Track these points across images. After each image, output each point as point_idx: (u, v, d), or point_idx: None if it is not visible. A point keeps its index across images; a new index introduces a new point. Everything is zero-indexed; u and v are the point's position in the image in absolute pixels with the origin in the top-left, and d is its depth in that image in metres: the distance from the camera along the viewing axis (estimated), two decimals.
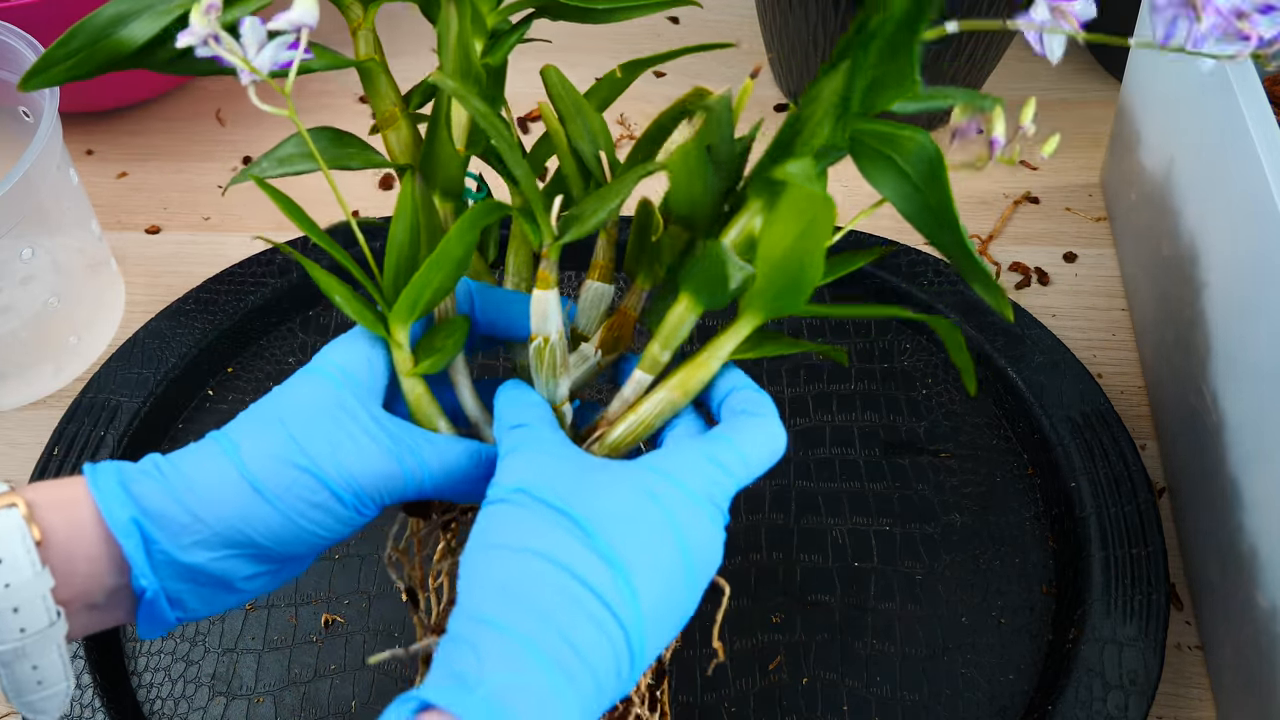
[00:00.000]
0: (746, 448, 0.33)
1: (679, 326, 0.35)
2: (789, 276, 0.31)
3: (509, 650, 0.28)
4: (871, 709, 0.47)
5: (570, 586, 0.29)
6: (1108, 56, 0.74)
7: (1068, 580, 0.49)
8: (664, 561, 0.30)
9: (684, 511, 0.31)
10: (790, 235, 0.30)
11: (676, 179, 0.33)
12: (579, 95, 0.36)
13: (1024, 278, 0.62)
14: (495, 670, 0.28)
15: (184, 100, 0.75)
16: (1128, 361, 0.59)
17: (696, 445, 0.33)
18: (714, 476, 0.32)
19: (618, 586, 0.29)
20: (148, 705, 0.48)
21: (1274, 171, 0.42)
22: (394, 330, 0.36)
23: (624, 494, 0.31)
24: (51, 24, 0.60)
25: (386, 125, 0.38)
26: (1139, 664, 0.45)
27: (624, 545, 0.30)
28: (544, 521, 0.30)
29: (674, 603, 0.31)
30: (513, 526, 0.31)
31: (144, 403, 0.55)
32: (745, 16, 0.78)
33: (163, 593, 0.32)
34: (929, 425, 0.55)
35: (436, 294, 0.35)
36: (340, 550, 0.52)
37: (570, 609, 0.29)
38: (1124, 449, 0.51)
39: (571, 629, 0.29)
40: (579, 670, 0.29)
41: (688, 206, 0.34)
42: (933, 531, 0.52)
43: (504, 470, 0.33)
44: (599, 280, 0.39)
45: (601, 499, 0.31)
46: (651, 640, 0.30)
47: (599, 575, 0.29)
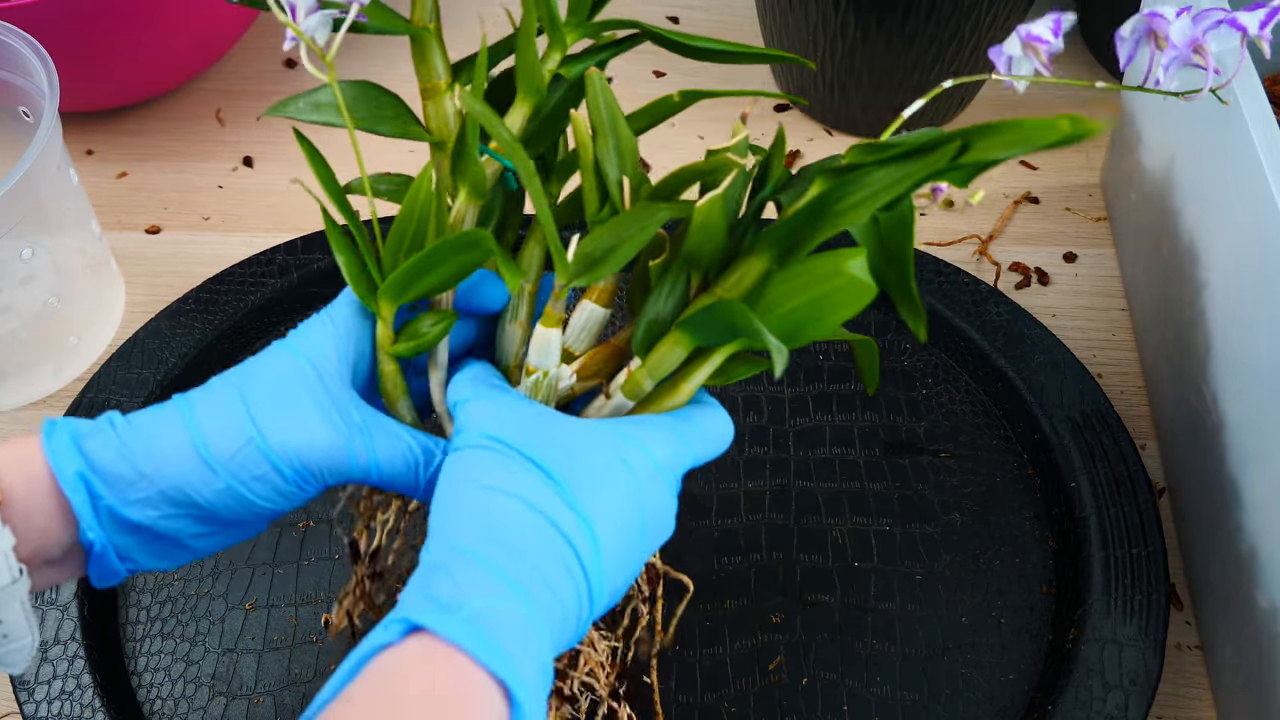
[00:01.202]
0: (708, 431, 0.36)
1: (667, 359, 0.35)
2: (791, 327, 0.32)
3: (487, 579, 0.30)
4: (871, 709, 0.47)
5: (545, 529, 0.31)
6: (1108, 56, 0.74)
7: (1068, 580, 0.49)
8: (626, 522, 0.33)
9: (649, 478, 0.33)
10: (803, 297, 0.32)
11: (697, 228, 0.33)
12: (617, 110, 0.35)
13: (1024, 278, 0.62)
14: (475, 595, 0.29)
15: (184, 100, 0.75)
16: (1128, 361, 0.59)
17: (666, 421, 0.35)
18: (679, 451, 0.35)
19: (585, 537, 0.31)
20: (148, 705, 0.48)
21: (1274, 171, 0.42)
22: (381, 305, 0.36)
23: (597, 455, 0.33)
24: (51, 24, 0.60)
25: (428, 97, 0.37)
26: (1139, 664, 0.45)
27: (593, 502, 0.32)
28: (520, 469, 0.32)
29: (628, 561, 0.33)
30: (490, 469, 0.32)
31: (144, 403, 0.55)
32: (745, 17, 0.78)
33: (110, 547, 0.33)
34: (929, 425, 0.55)
35: (430, 287, 0.35)
36: (340, 550, 0.52)
37: (544, 550, 0.31)
38: (1124, 449, 0.51)
39: (545, 567, 0.31)
40: (551, 604, 0.30)
41: (701, 252, 0.34)
42: (933, 531, 0.52)
43: (473, 417, 0.34)
44: (596, 302, 0.38)
45: (576, 457, 0.33)
46: (606, 592, 0.32)
47: (569, 524, 0.31)
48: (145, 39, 0.66)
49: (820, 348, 0.58)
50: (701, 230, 0.33)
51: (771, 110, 0.72)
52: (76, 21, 0.61)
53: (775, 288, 0.32)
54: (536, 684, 0.29)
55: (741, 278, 0.34)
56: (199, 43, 0.70)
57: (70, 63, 0.61)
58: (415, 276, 0.34)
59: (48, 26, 0.59)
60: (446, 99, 0.37)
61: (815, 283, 0.31)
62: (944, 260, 0.60)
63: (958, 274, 0.59)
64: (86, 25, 0.62)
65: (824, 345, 0.58)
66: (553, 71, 0.37)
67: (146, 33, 0.65)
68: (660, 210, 0.34)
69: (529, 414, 0.34)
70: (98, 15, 0.61)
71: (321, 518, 0.53)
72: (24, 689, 0.46)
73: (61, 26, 0.61)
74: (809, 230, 0.32)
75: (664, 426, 0.35)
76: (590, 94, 0.35)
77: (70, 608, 0.48)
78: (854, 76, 0.65)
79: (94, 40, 0.63)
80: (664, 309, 0.35)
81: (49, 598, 0.49)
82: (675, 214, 0.34)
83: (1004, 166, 0.69)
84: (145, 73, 0.70)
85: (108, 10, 0.62)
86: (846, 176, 0.31)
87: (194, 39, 0.69)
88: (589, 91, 0.35)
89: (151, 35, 0.66)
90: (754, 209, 0.35)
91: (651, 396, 0.36)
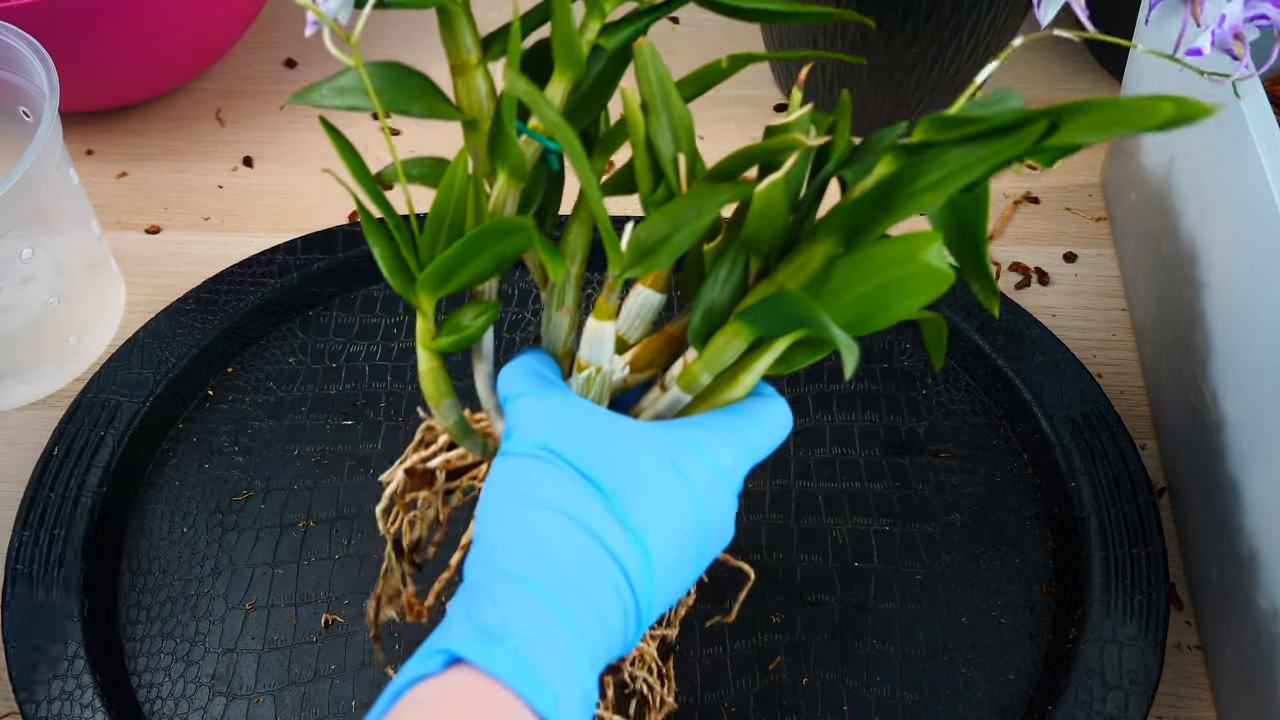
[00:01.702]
0: (769, 426, 0.34)
1: (725, 351, 0.33)
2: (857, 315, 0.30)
3: (532, 605, 0.29)
4: (871, 709, 0.47)
5: (591, 548, 0.30)
6: (1108, 56, 0.74)
7: (1068, 580, 0.49)
8: (680, 533, 0.31)
9: (705, 484, 0.32)
10: (871, 283, 0.29)
11: (757, 212, 0.31)
12: (670, 83, 0.33)
13: (1024, 278, 0.62)
14: (519, 624, 0.28)
15: (184, 100, 0.75)
16: (1128, 361, 0.59)
17: (722, 419, 0.33)
18: (737, 451, 0.33)
19: (634, 554, 0.30)
20: (148, 705, 0.48)
21: (1274, 171, 0.42)
22: (420, 298, 0.34)
23: (648, 462, 0.31)
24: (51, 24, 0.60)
25: (458, 74, 0.35)
26: (1139, 664, 0.45)
27: (643, 514, 0.30)
28: (567, 481, 0.31)
29: (682, 573, 0.32)
30: (535, 481, 0.31)
31: (144, 403, 0.55)
32: None
33: None
34: (929, 425, 0.55)
35: (471, 278, 0.33)
36: (340, 550, 0.52)
37: (590, 570, 0.29)
38: (1124, 449, 0.51)
39: (591, 589, 0.29)
40: (595, 629, 0.29)
41: (761, 237, 0.32)
42: (933, 531, 0.52)
43: (524, 419, 0.33)
44: (652, 288, 0.35)
45: (625, 464, 0.31)
46: (657, 607, 0.31)
47: (618, 541, 0.30)
48: (145, 39, 0.66)
49: None
50: (762, 214, 0.31)
51: (771, 109, 0.72)
52: (76, 21, 0.61)
53: (840, 273, 0.30)
54: (580, 715, 0.28)
55: (805, 263, 0.31)
56: (199, 43, 0.70)
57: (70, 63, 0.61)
58: (455, 267, 0.33)
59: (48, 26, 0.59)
60: (478, 75, 0.35)
61: (885, 268, 0.29)
62: None
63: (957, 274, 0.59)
64: (86, 25, 0.62)
65: None
66: (592, 42, 0.34)
67: (146, 33, 0.65)
68: (720, 193, 0.31)
69: (580, 418, 0.33)
70: (98, 15, 0.61)
71: (321, 518, 0.53)
72: (24, 689, 0.46)
73: (61, 26, 0.61)
74: (878, 213, 0.29)
75: (723, 427, 0.33)
76: (640, 66, 0.33)
77: (70, 608, 0.48)
78: (854, 75, 0.65)
79: (94, 40, 0.63)
80: (721, 296, 0.33)
81: (49, 597, 0.49)
82: (735, 197, 0.31)
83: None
84: (145, 73, 0.70)
85: (107, 10, 0.62)
86: (919, 155, 0.28)
87: (194, 39, 0.69)
88: (638, 63, 0.33)
89: (151, 35, 0.66)
90: (816, 187, 0.33)
91: (709, 389, 0.34)
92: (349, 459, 0.55)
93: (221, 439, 0.56)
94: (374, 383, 0.58)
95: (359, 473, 0.54)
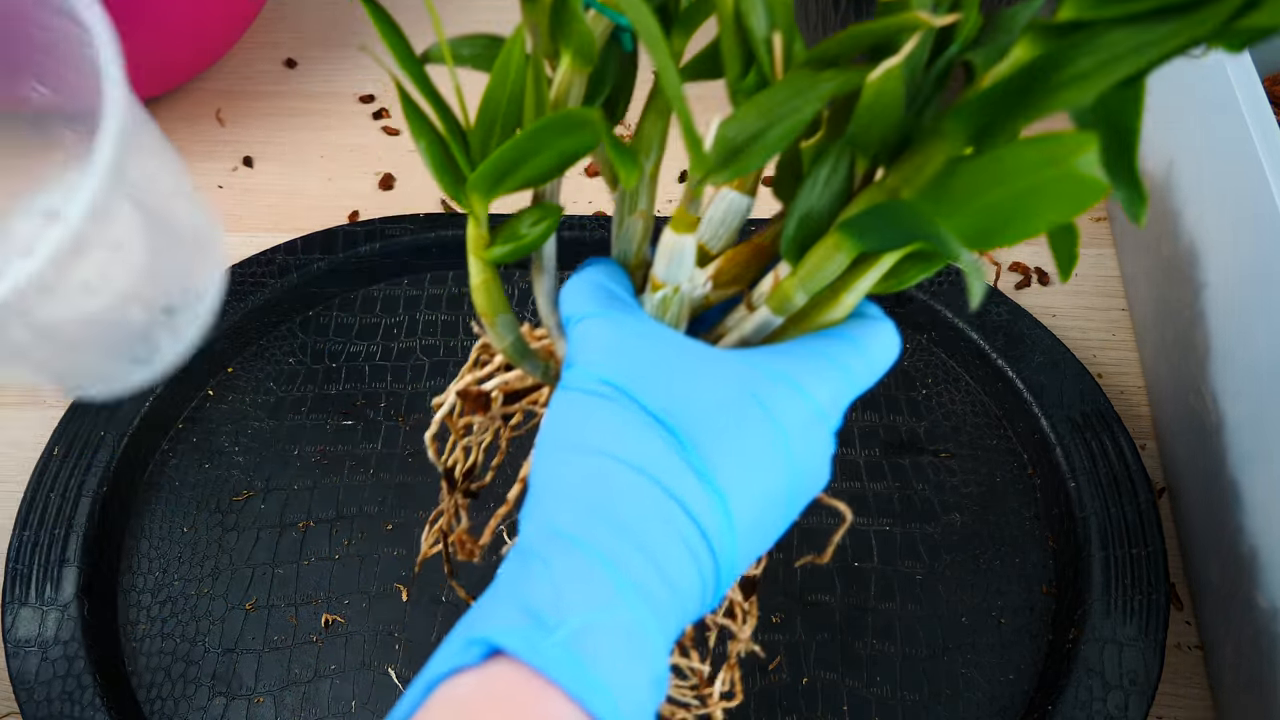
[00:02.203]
0: (874, 353, 0.29)
1: (824, 267, 0.28)
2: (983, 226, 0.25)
3: (593, 579, 0.25)
4: (871, 709, 0.47)
5: (663, 506, 0.26)
6: None
7: (1068, 580, 0.49)
8: (767, 481, 0.27)
9: (799, 427, 0.27)
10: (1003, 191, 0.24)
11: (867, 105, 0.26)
12: None
13: (1024, 278, 0.62)
14: (575, 604, 0.24)
15: (184, 100, 0.75)
16: (1128, 361, 0.59)
17: (820, 346, 0.28)
18: (837, 385, 0.28)
19: (714, 512, 0.26)
20: (148, 705, 0.48)
21: (1274, 171, 0.42)
22: (472, 201, 0.30)
23: (730, 398, 0.27)
24: None
25: None
26: (1139, 664, 0.45)
27: (725, 465, 0.26)
28: (635, 424, 0.26)
29: (768, 526, 0.27)
30: (597, 424, 0.27)
31: (144, 403, 0.55)
32: None
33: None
34: (929, 425, 0.55)
35: (530, 178, 0.29)
36: (340, 550, 0.52)
37: (662, 532, 0.25)
38: (1124, 449, 0.51)
39: (664, 555, 0.25)
40: (666, 600, 0.25)
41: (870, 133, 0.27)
42: (933, 531, 0.52)
43: (586, 347, 0.28)
44: (739, 190, 0.30)
45: (704, 405, 0.27)
46: (741, 563, 0.27)
47: (694, 497, 0.26)
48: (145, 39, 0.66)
49: None
50: (873, 107, 0.26)
51: None
52: None
53: (965, 178, 0.25)
54: (647, 705, 0.25)
55: (921, 165, 0.26)
56: (199, 43, 0.70)
57: None
58: (511, 165, 0.28)
59: None
60: None
61: (1020, 174, 0.24)
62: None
63: (957, 274, 0.59)
64: None
65: None
66: None
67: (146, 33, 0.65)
68: (822, 82, 0.27)
69: (652, 346, 0.28)
70: None
71: (321, 518, 0.53)
72: (24, 689, 0.46)
73: None
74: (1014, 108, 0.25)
75: (821, 356, 0.28)
76: None
77: (70, 608, 0.48)
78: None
79: None
80: (820, 202, 0.28)
81: (49, 597, 0.49)
82: (841, 87, 0.27)
83: None
84: (145, 73, 0.70)
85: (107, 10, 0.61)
86: (1069, 38, 0.24)
87: (194, 39, 0.69)
88: None
89: (151, 35, 0.66)
90: (937, 75, 0.28)
91: (804, 311, 0.29)
92: (349, 459, 0.55)
93: (221, 439, 0.56)
94: (374, 383, 0.58)
95: (359, 473, 0.54)
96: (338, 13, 0.80)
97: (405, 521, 0.53)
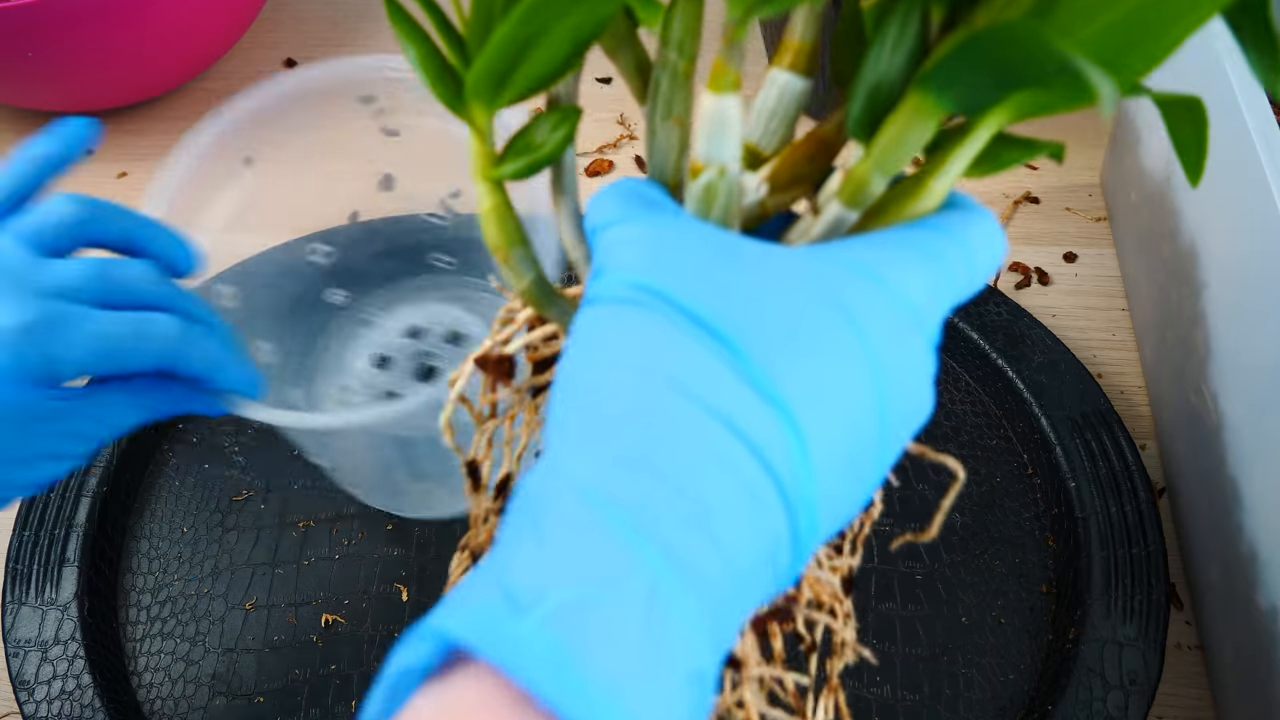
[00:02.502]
0: (973, 243, 0.23)
1: (905, 137, 0.23)
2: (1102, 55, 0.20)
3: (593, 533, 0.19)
4: (871, 709, 0.47)
5: (710, 432, 0.20)
6: None
7: (1068, 580, 0.49)
8: (850, 402, 0.21)
9: (885, 326, 0.21)
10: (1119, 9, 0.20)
11: None
12: None
13: (1024, 278, 0.62)
14: (564, 573, 0.18)
15: (184, 100, 0.75)
16: (1128, 361, 0.59)
17: (909, 236, 0.23)
18: (935, 279, 0.22)
19: (782, 438, 0.20)
20: (148, 705, 0.48)
21: (1274, 171, 0.42)
22: (473, 110, 0.25)
23: (800, 300, 0.21)
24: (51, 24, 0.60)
25: None
26: (1139, 664, 0.45)
27: (793, 375, 0.20)
28: (676, 334, 0.21)
29: (858, 467, 0.21)
30: (632, 337, 0.21)
31: None
32: None
33: None
34: (929, 425, 0.55)
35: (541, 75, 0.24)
36: (340, 550, 0.52)
37: (709, 469, 0.19)
38: (1124, 449, 0.51)
39: (709, 499, 0.19)
40: (713, 568, 0.19)
41: None
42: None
43: (616, 250, 0.23)
44: (791, 70, 0.26)
45: (766, 307, 0.21)
46: (825, 519, 0.21)
47: (755, 419, 0.20)
48: (145, 39, 0.66)
49: None
50: None
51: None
52: (76, 22, 0.61)
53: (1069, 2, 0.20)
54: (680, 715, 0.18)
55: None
56: (199, 43, 0.70)
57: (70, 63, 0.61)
58: (515, 56, 0.24)
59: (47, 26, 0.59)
60: None
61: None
62: None
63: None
64: (86, 25, 0.62)
65: None
66: None
67: (146, 33, 0.65)
68: None
69: (697, 245, 0.22)
70: (97, 15, 0.61)
71: (321, 518, 0.53)
72: (24, 689, 0.46)
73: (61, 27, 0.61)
74: None
75: (911, 245, 0.22)
76: None
77: (70, 608, 0.48)
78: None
79: (94, 40, 0.63)
80: (892, 66, 0.23)
81: (49, 597, 0.49)
82: None
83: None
84: (145, 73, 0.70)
85: (107, 10, 0.62)
86: None
87: (194, 39, 0.69)
88: None
89: (151, 35, 0.66)
90: None
91: (883, 204, 0.24)
92: None
93: (221, 439, 0.56)
94: None
95: None
96: (337, 13, 0.80)
97: (405, 521, 0.53)
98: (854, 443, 0.21)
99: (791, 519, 0.20)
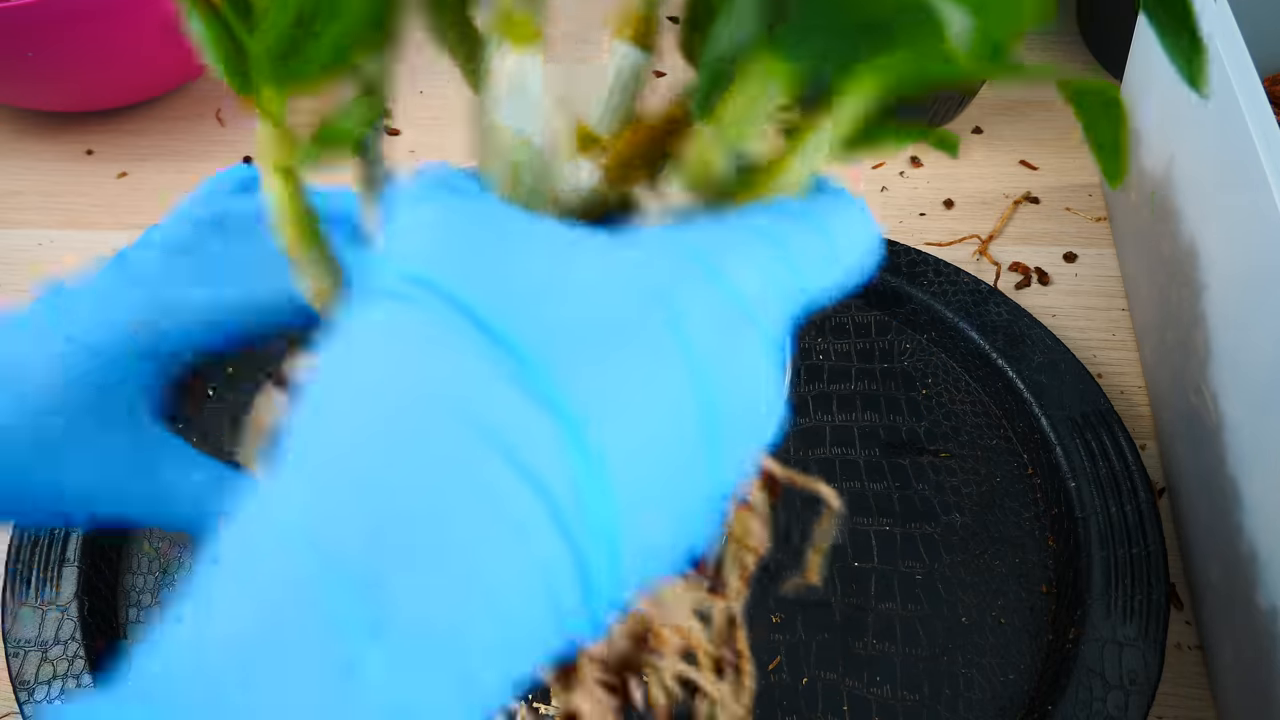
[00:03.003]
0: (831, 228, 0.20)
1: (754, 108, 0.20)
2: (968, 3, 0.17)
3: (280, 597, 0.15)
4: (871, 709, 0.47)
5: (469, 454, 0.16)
6: (1107, 56, 0.74)
7: (1068, 580, 0.49)
8: (664, 414, 0.17)
9: (710, 324, 0.18)
10: None
11: None
12: None
13: (1024, 278, 0.62)
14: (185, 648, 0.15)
15: (184, 100, 0.75)
16: (1128, 361, 0.59)
17: (745, 219, 0.19)
18: (771, 265, 0.19)
19: (565, 456, 0.16)
20: None
21: (1274, 171, 0.42)
22: (263, 93, 0.22)
23: (607, 292, 0.18)
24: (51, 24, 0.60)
25: None
26: (1139, 664, 0.45)
27: (588, 385, 0.17)
28: (447, 336, 0.17)
29: (682, 487, 0.18)
30: (385, 340, 0.17)
31: None
32: None
33: None
34: (929, 425, 0.55)
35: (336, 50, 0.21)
36: None
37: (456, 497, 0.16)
38: (1124, 449, 0.51)
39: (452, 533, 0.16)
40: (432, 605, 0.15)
41: None
42: (933, 531, 0.52)
43: (395, 240, 0.19)
44: (632, 42, 0.22)
45: (564, 301, 0.17)
46: (634, 548, 0.17)
47: (531, 435, 0.16)
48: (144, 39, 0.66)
49: (819, 347, 0.58)
50: None
51: None
52: (76, 21, 0.61)
53: None
54: None
55: None
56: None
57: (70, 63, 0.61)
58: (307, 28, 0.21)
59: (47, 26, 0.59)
60: None
61: None
62: (944, 260, 0.60)
63: (958, 274, 0.59)
64: (86, 25, 0.62)
65: (824, 344, 0.58)
66: None
67: (145, 33, 0.65)
68: None
69: (488, 229, 0.18)
70: (97, 15, 0.61)
71: None
72: (24, 689, 0.46)
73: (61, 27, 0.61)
74: None
75: (750, 229, 0.19)
76: None
77: (70, 608, 0.48)
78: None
79: (94, 40, 0.63)
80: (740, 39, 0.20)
81: (49, 597, 0.49)
82: None
83: (1004, 166, 0.69)
84: (145, 73, 0.70)
85: (107, 10, 0.62)
86: None
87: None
88: None
89: (151, 35, 0.66)
90: None
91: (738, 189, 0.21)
92: None
93: (221, 439, 0.56)
94: None
95: None
96: None
97: None
98: (670, 459, 0.17)
99: (575, 550, 0.16)
